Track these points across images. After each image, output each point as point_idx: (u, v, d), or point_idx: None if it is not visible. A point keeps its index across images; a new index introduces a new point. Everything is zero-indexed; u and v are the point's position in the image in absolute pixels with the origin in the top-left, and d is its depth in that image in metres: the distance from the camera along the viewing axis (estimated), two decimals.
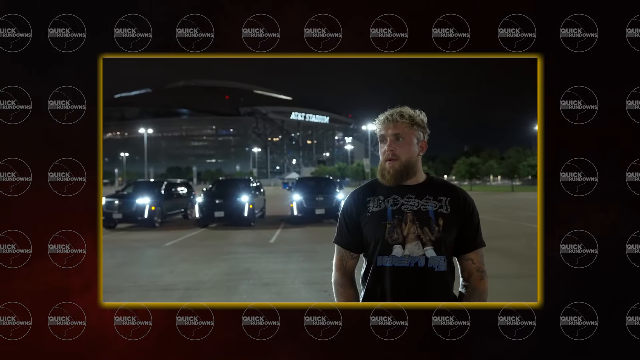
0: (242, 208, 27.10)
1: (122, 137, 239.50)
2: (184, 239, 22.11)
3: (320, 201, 27.66)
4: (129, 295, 11.24)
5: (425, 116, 3.55)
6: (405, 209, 3.42)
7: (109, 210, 26.61)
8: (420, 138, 3.49)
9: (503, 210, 36.71)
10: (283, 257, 16.05)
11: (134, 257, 16.84)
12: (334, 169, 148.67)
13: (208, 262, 15.57)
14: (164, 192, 29.92)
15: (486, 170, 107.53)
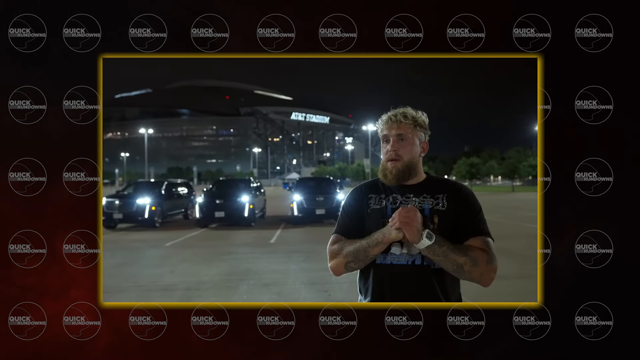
0: (243, 208, 27.01)
1: (122, 137, 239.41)
2: (185, 239, 22.05)
3: (321, 201, 27.56)
4: (129, 296, 11.21)
5: (426, 117, 3.56)
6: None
7: (109, 210, 26.55)
8: (422, 139, 3.51)
9: (503, 210, 36.68)
10: (283, 258, 16.00)
11: (134, 257, 16.79)
12: (335, 169, 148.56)
13: (208, 262, 15.52)
14: (165, 192, 29.83)
15: (486, 170, 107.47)
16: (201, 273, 13.76)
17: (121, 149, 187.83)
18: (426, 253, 3.26)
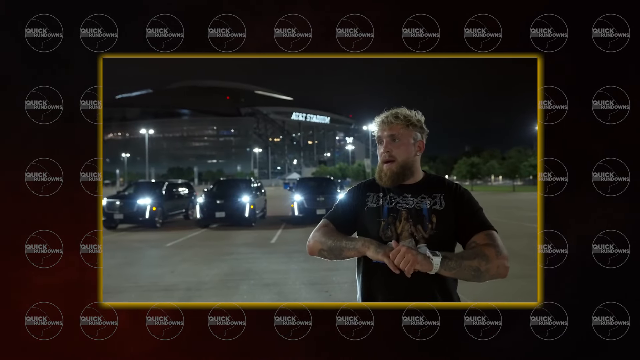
0: (243, 208, 27.03)
1: (123, 137, 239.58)
2: (185, 240, 22.06)
3: (321, 201, 27.50)
4: (129, 296, 11.22)
5: (422, 116, 3.56)
6: (400, 207, 3.44)
7: (110, 210, 26.59)
8: (418, 138, 3.50)
9: (504, 210, 36.69)
10: (284, 258, 16.00)
11: (134, 258, 16.80)
12: (335, 170, 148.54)
13: (209, 262, 15.54)
14: (165, 192, 29.85)
15: (487, 170, 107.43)
16: (201, 273, 13.78)
17: (122, 150, 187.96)
18: (443, 272, 3.25)
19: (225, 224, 27.50)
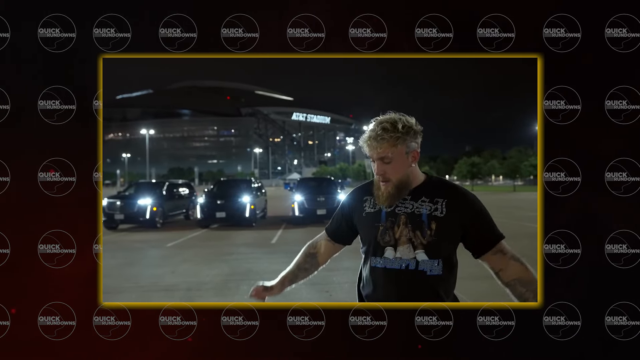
0: (244, 209, 27.01)
1: (124, 138, 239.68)
2: (186, 240, 22.04)
3: (322, 202, 27.52)
4: (129, 296, 11.20)
5: (412, 120, 3.36)
6: (399, 211, 3.37)
7: (111, 211, 26.59)
8: (411, 148, 3.32)
9: (505, 210, 36.70)
10: (284, 258, 15.85)
11: (135, 258, 16.77)
12: (336, 170, 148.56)
13: (209, 262, 15.51)
14: (166, 192, 29.83)
15: (488, 170, 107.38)
16: (202, 273, 13.76)
17: (122, 150, 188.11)
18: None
19: (225, 224, 27.47)
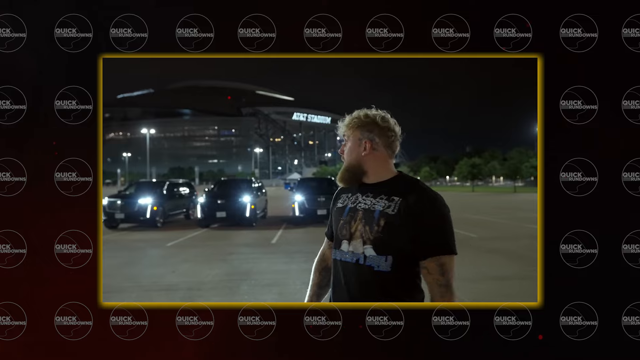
0: (244, 208, 27.00)
1: (124, 137, 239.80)
2: (186, 239, 22.03)
3: (322, 202, 27.40)
4: (129, 296, 11.20)
5: (378, 115, 3.45)
6: (359, 207, 3.42)
7: (111, 210, 26.60)
8: (365, 137, 3.42)
9: (505, 211, 36.80)
10: (285, 258, 15.95)
11: (135, 257, 16.77)
12: (336, 170, 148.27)
13: (210, 262, 15.51)
14: (166, 192, 29.84)
15: (488, 171, 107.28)
16: (202, 273, 13.77)
17: (123, 149, 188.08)
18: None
19: (226, 224, 27.48)
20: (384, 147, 3.41)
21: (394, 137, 3.44)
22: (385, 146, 3.41)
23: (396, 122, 3.46)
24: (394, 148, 3.44)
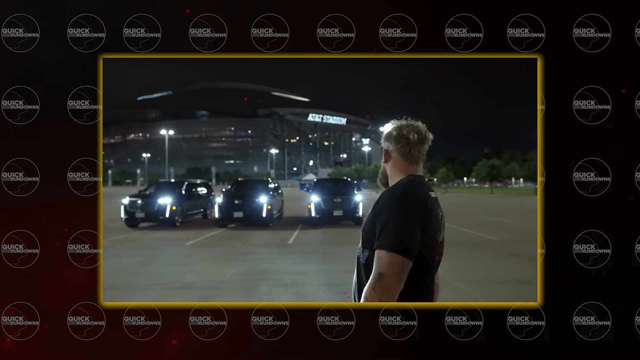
0: (261, 209, 26.85)
1: (144, 138, 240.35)
2: (204, 239, 21.95)
3: (339, 203, 27.25)
4: (152, 294, 11.17)
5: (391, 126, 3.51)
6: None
7: (132, 209, 26.61)
8: (385, 147, 3.55)
9: (524, 213, 36.52)
10: (301, 259, 15.83)
11: (155, 256, 16.75)
12: (351, 171, 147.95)
13: (228, 261, 15.43)
14: (185, 192, 29.83)
15: (508, 172, 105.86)
16: (221, 272, 13.71)
17: (143, 150, 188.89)
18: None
19: (243, 224, 27.42)
20: (399, 155, 3.47)
21: (404, 143, 3.44)
22: (400, 154, 3.46)
23: (418, 130, 3.43)
24: (405, 153, 3.44)
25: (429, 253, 3.20)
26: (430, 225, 3.17)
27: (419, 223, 3.14)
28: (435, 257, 3.25)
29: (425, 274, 3.23)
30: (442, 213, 3.33)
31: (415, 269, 3.12)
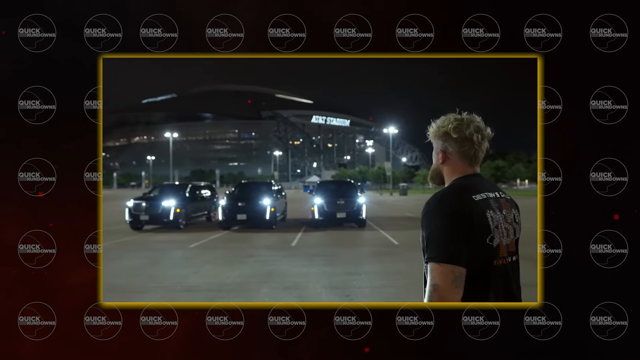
0: (264, 211, 26.81)
1: (149, 141, 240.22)
2: (208, 241, 21.91)
3: (342, 205, 27.20)
4: (154, 296, 11.14)
5: (443, 123, 3.35)
6: None
7: (136, 212, 26.56)
8: (439, 147, 3.38)
9: (532, 215, 36.45)
10: (305, 261, 15.75)
11: (159, 258, 16.73)
12: (355, 172, 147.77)
13: (231, 264, 15.39)
14: (189, 194, 29.80)
15: (513, 174, 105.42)
16: (224, 275, 13.68)
17: (147, 152, 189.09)
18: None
19: (246, 226, 27.38)
20: (458, 156, 3.33)
21: (469, 146, 3.31)
22: (460, 155, 3.32)
23: (479, 128, 3.31)
24: (469, 156, 3.32)
25: (480, 257, 3.05)
26: (473, 229, 3.04)
27: (460, 230, 3.04)
28: (492, 260, 3.07)
29: (483, 278, 3.08)
30: (501, 214, 3.13)
31: (470, 276, 3.04)
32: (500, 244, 3.08)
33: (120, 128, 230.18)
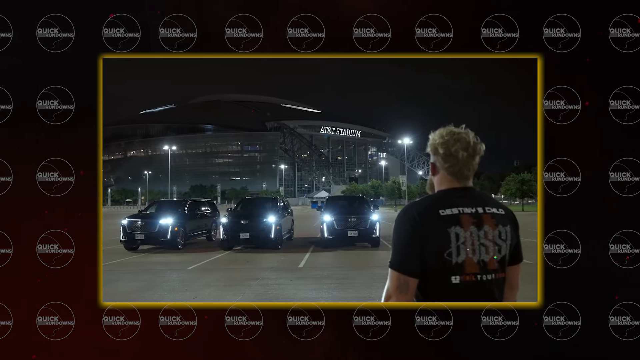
0: (269, 230, 25.72)
1: (145, 154, 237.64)
2: (208, 262, 21.17)
3: (353, 222, 26.07)
4: None
5: (434, 138, 3.55)
6: None
7: (131, 231, 25.75)
8: (431, 160, 3.61)
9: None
10: (313, 284, 15.36)
11: (156, 281, 16.42)
12: (367, 187, 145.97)
13: (232, 287, 14.99)
14: (188, 212, 28.93)
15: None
16: (225, 299, 13.13)
17: (144, 167, 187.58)
18: None
19: (249, 246, 26.53)
20: (445, 171, 3.53)
21: (453, 162, 3.49)
22: (446, 170, 3.52)
23: (467, 146, 3.46)
24: (454, 172, 3.50)
25: (439, 271, 3.23)
26: (428, 242, 3.23)
27: (414, 241, 3.25)
28: (453, 276, 3.21)
29: (444, 291, 3.25)
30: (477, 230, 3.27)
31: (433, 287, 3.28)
32: (467, 260, 3.22)
33: (117, 141, 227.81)
